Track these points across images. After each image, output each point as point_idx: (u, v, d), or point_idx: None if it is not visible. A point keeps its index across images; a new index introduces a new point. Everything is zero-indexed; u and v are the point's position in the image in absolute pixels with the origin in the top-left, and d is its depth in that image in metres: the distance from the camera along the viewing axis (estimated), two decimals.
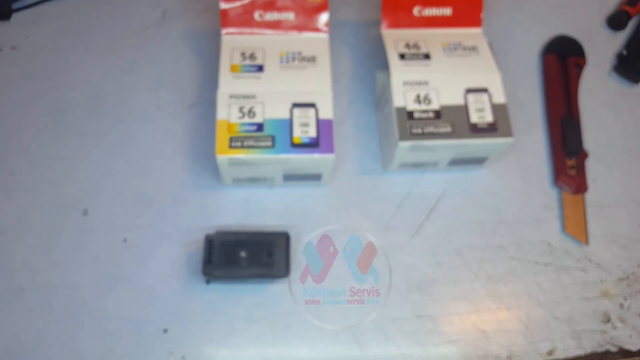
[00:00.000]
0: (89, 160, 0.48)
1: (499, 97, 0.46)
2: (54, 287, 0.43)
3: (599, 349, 0.44)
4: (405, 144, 0.44)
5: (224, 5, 0.48)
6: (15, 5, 0.56)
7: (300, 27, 0.49)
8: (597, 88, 0.56)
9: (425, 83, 0.46)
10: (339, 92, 0.51)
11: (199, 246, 0.44)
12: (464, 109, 0.45)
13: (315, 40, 0.49)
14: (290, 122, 0.44)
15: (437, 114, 0.45)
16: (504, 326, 0.44)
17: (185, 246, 0.45)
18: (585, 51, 0.57)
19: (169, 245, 0.45)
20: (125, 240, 0.45)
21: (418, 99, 0.45)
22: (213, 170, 0.48)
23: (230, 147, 0.43)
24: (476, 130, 0.44)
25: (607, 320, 0.45)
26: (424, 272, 0.46)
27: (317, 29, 0.49)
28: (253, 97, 0.45)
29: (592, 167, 0.51)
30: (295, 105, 0.45)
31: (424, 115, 0.45)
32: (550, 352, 0.44)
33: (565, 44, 0.57)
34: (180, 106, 0.51)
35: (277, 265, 0.42)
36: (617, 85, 0.56)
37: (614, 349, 0.44)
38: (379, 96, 0.51)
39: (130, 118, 0.51)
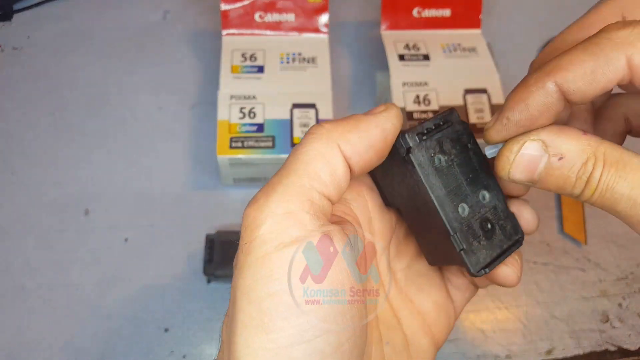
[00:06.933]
0: (91, 161, 0.49)
1: (498, 98, 0.46)
2: (55, 286, 0.43)
3: (598, 349, 0.44)
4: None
5: (224, 7, 0.48)
6: (16, 6, 0.56)
7: (300, 28, 0.49)
8: None
9: (425, 84, 0.46)
10: (338, 93, 0.51)
11: (199, 246, 0.44)
12: (463, 110, 0.45)
13: (315, 41, 0.49)
14: (290, 122, 0.44)
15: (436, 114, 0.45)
16: (503, 325, 0.44)
17: (186, 246, 0.45)
18: None
19: (170, 245, 0.45)
20: (126, 240, 0.45)
21: (417, 100, 0.46)
22: (214, 170, 0.49)
23: (231, 147, 0.43)
24: (475, 130, 0.45)
25: (606, 319, 0.45)
26: None
27: (317, 30, 0.49)
28: (253, 97, 0.45)
29: None
30: (296, 105, 0.45)
31: (424, 115, 0.45)
32: (548, 352, 0.44)
33: None
34: (182, 107, 0.52)
35: None
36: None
37: (612, 349, 0.44)
38: (379, 97, 0.51)
39: (132, 118, 0.51)
